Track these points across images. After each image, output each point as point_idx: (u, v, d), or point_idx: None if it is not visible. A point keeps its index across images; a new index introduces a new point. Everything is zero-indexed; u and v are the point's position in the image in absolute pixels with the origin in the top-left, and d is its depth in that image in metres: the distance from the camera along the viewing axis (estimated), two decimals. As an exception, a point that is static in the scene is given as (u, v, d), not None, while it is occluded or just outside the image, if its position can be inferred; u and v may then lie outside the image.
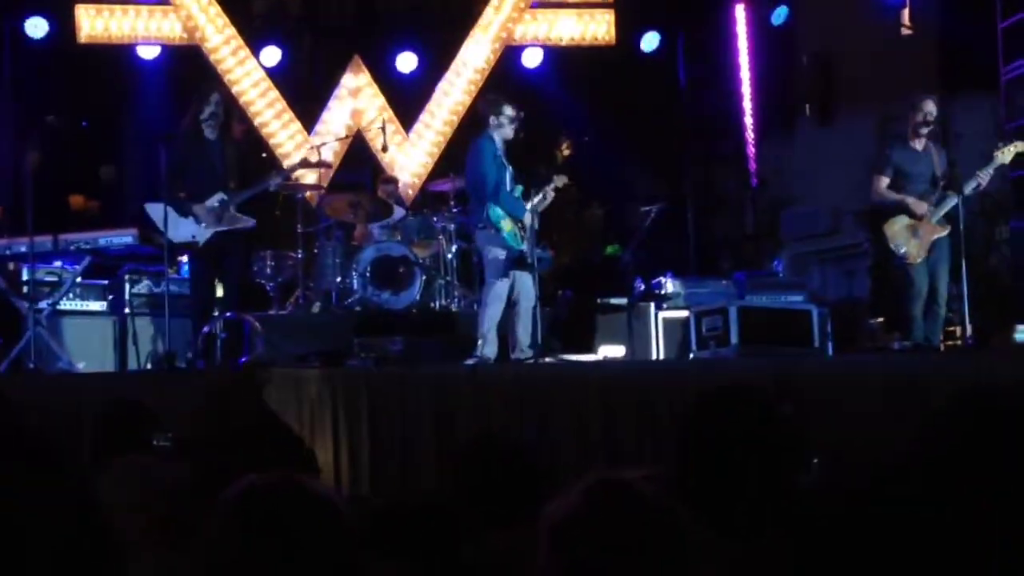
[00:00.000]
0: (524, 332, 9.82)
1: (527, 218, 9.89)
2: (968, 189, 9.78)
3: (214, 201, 9.81)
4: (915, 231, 9.82)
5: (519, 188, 10.02)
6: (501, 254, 9.78)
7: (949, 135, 11.11)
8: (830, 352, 10.45)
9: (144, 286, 10.95)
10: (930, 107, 9.98)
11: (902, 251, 9.81)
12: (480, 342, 9.67)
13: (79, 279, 10.38)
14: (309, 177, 12.86)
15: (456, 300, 11.38)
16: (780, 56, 14.90)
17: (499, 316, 9.77)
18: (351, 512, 2.42)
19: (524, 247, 9.86)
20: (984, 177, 9.79)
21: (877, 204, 10.11)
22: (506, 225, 9.78)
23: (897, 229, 9.85)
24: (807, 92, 14.51)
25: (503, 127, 9.91)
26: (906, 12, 13.47)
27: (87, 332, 10.70)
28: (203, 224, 9.78)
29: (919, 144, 10.00)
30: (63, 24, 13.82)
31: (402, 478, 7.77)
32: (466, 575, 3.38)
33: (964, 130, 11.95)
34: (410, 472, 7.78)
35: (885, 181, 9.96)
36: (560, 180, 10.17)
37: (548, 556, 2.35)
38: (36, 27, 13.71)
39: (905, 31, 13.43)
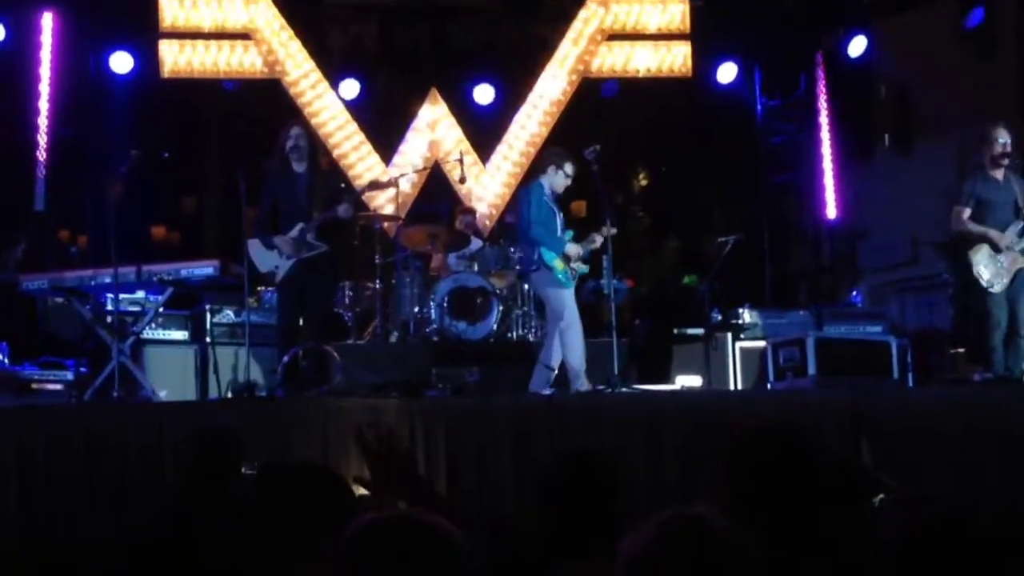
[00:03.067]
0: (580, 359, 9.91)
1: (574, 254, 10.11)
2: (1052, 219, 9.69)
3: (295, 231, 9.91)
4: (998, 261, 9.73)
5: (569, 233, 10.24)
6: (560, 292, 9.98)
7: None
8: (910, 383, 10.36)
9: (225, 316, 11.10)
10: (1005, 136, 9.90)
11: (985, 279, 9.73)
12: (576, 376, 9.79)
13: (161, 309, 10.53)
14: (387, 208, 12.96)
15: (533, 330, 11.39)
16: (858, 87, 14.82)
17: (583, 345, 9.84)
18: (471, 547, 2.41)
19: (572, 286, 10.12)
20: (1068, 206, 9.69)
21: (959, 235, 10.03)
22: (559, 265, 10.02)
23: (980, 257, 9.77)
24: (885, 122, 14.42)
25: (557, 179, 10.19)
26: (984, 41, 13.38)
27: (169, 361, 10.85)
28: (284, 255, 9.89)
29: (999, 174, 9.92)
30: (147, 59, 14.05)
31: (479, 509, 7.78)
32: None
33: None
34: (487, 503, 7.78)
35: (967, 212, 9.88)
36: (608, 231, 10.24)
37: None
38: (121, 62, 13.97)
39: (983, 59, 13.33)
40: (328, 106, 14.56)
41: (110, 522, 7.54)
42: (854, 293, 13.85)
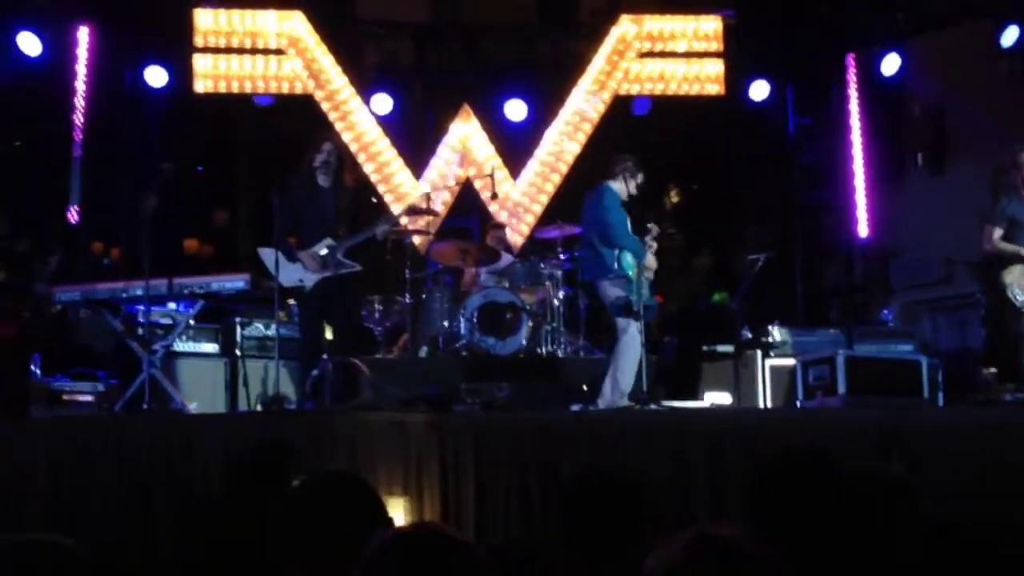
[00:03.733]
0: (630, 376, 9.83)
1: (651, 262, 9.90)
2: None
3: (321, 247, 9.94)
4: (1031, 282, 9.72)
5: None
6: (634, 301, 9.75)
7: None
8: (941, 403, 10.31)
9: (255, 329, 11.15)
10: None
11: (1020, 300, 9.70)
12: (622, 395, 9.69)
13: (192, 322, 10.58)
14: (418, 223, 12.99)
15: (562, 346, 11.40)
16: (891, 105, 14.78)
17: (635, 365, 9.74)
18: (488, 560, 2.46)
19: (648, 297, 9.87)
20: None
21: (991, 254, 10.00)
22: (635, 274, 9.78)
23: (1015, 276, 9.75)
24: (919, 141, 14.38)
25: (626, 184, 10.01)
26: (1019, 60, 13.34)
27: (199, 374, 10.90)
28: (310, 270, 9.92)
29: (1031, 193, 9.91)
30: (181, 73, 14.14)
31: (507, 524, 7.77)
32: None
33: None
34: (515, 518, 7.77)
35: (999, 232, 9.86)
36: (654, 229, 10.15)
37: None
38: (156, 76, 14.06)
39: (1019, 79, 13.29)
40: (360, 121, 14.61)
41: (140, 535, 7.57)
42: (885, 312, 13.79)
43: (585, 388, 10.04)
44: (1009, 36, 13.22)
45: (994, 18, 13.39)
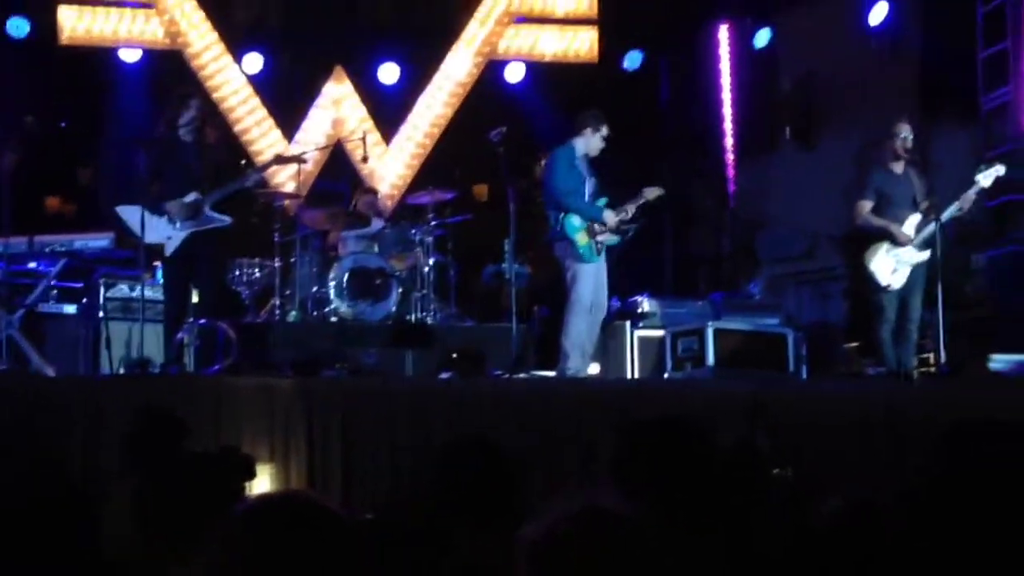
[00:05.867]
0: (590, 343, 9.78)
1: (610, 222, 9.80)
2: (948, 214, 9.82)
3: (188, 199, 9.74)
4: (896, 256, 9.87)
5: (603, 200, 9.96)
6: (581, 268, 9.69)
7: (928, 163, 11.14)
8: (804, 376, 10.47)
9: (119, 290, 10.89)
10: (906, 131, 10.04)
11: (882, 280, 9.85)
12: (566, 357, 9.61)
13: (53, 281, 10.32)
14: (288, 186, 12.84)
15: (432, 313, 11.36)
16: (762, 77, 14.94)
17: (584, 330, 9.68)
18: (356, 527, 2.44)
19: (600, 260, 9.77)
20: (965, 202, 9.84)
21: (860, 229, 10.15)
22: (581, 238, 9.67)
23: (876, 257, 9.90)
24: (788, 114, 14.55)
25: (594, 141, 9.90)
26: (888, 39, 13.54)
27: (60, 335, 10.63)
28: (177, 224, 9.69)
29: (899, 168, 10.06)
30: (45, 25, 13.76)
31: (374, 491, 7.73)
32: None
33: (943, 159, 11.98)
34: (382, 485, 7.74)
35: (868, 205, 10.00)
36: (652, 192, 10.07)
37: (527, 577, 2.33)
38: (18, 27, 13.66)
39: (886, 57, 13.50)
40: (230, 80, 14.38)
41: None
42: (752, 284, 13.97)
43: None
44: (878, 13, 13.40)
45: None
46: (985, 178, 9.93)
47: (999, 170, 9.98)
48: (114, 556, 3.54)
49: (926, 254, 9.86)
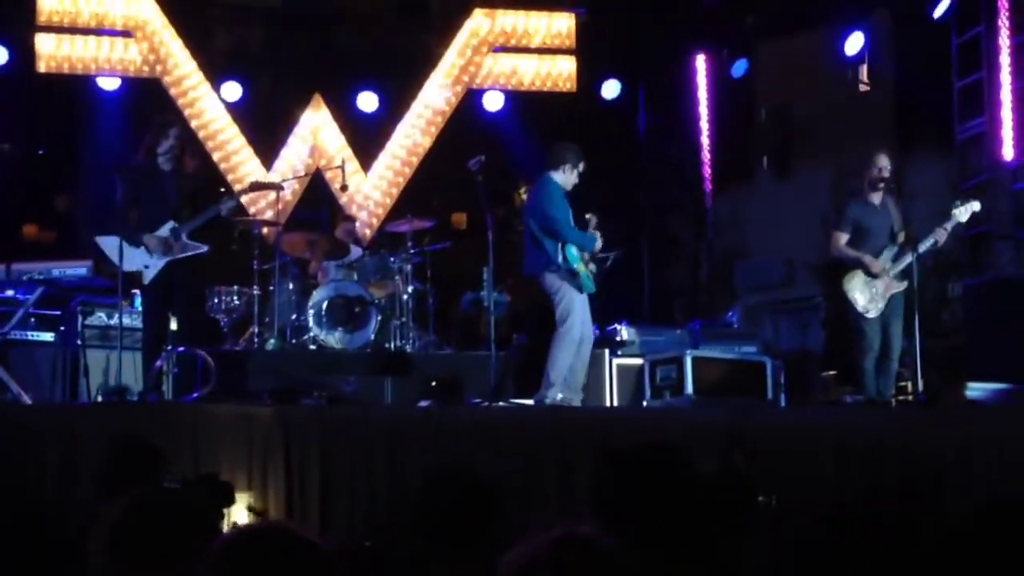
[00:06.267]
0: (582, 373, 9.78)
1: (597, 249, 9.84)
2: (924, 246, 9.88)
3: (165, 230, 9.74)
4: (873, 286, 9.91)
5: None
6: (576, 298, 9.65)
7: (903, 193, 11.21)
8: (783, 404, 10.49)
9: (97, 318, 10.86)
10: (884, 162, 10.09)
11: (859, 305, 9.89)
12: (548, 386, 9.56)
13: (31, 309, 10.28)
14: (267, 213, 12.83)
15: (411, 341, 11.34)
16: (739, 108, 15.01)
17: (571, 361, 9.65)
18: (335, 557, 2.47)
19: (593, 289, 9.75)
20: (941, 235, 9.90)
21: (834, 259, 10.20)
22: (581, 268, 9.67)
23: (855, 283, 9.94)
24: (765, 144, 14.63)
25: (568, 177, 9.88)
26: (864, 68, 13.64)
27: (37, 363, 10.58)
28: (154, 255, 9.70)
29: (876, 199, 10.10)
30: (23, 51, 13.76)
31: (351, 519, 7.72)
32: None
33: (918, 189, 12.06)
34: (360, 514, 7.73)
35: (844, 238, 10.04)
36: (593, 220, 10.06)
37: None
38: (-5, 54, 13.66)
39: (863, 87, 13.59)
40: (209, 108, 14.39)
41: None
42: (730, 313, 14.00)
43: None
44: (854, 43, 13.50)
45: (840, 25, 13.67)
46: (961, 213, 10.00)
47: (974, 206, 10.06)
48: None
49: (903, 284, 9.91)
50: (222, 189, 11.84)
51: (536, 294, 10.04)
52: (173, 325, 10.12)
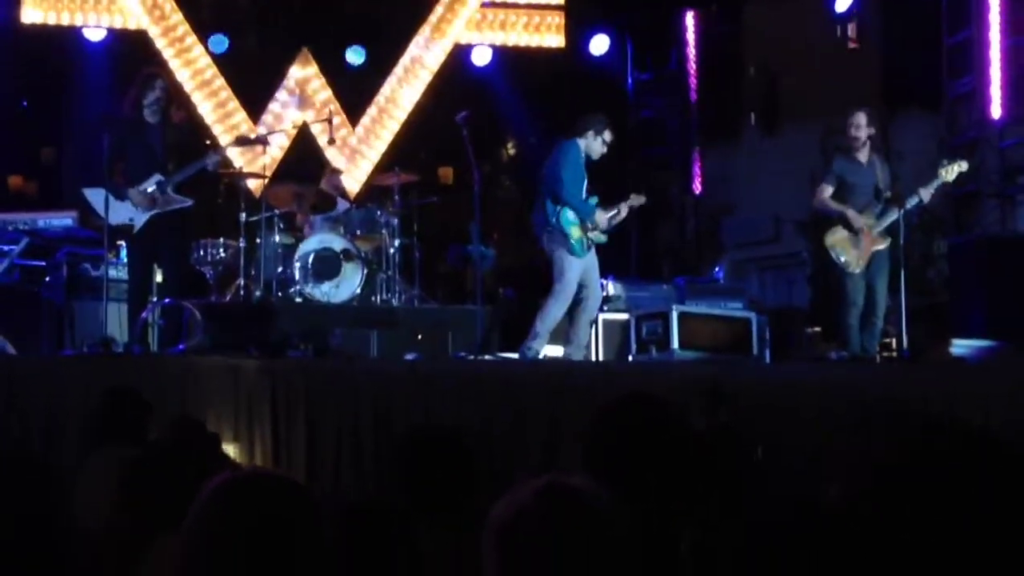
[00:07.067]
0: (584, 331, 9.83)
1: (601, 222, 9.84)
2: (910, 204, 9.88)
3: (150, 184, 9.71)
4: (855, 242, 9.91)
5: (594, 198, 9.93)
6: (569, 260, 9.69)
7: (891, 151, 11.21)
8: (767, 359, 10.53)
9: (82, 269, 10.83)
10: (861, 119, 10.05)
11: (842, 260, 9.90)
12: (534, 337, 9.62)
13: (16, 260, 10.25)
14: (254, 166, 12.79)
15: (397, 295, 11.34)
16: (727, 65, 14.98)
17: (560, 317, 9.71)
18: (325, 505, 2.48)
19: (589, 256, 9.79)
20: (926, 194, 9.90)
21: (819, 213, 10.21)
22: (575, 232, 9.68)
23: (837, 239, 9.95)
24: (753, 102, 14.61)
25: (595, 144, 9.90)
26: (852, 26, 13.61)
27: (22, 314, 10.56)
28: (139, 208, 9.68)
29: (863, 156, 10.09)
30: (7, 3, 13.65)
31: (338, 471, 7.74)
32: (407, 572, 3.37)
33: (906, 146, 12.06)
34: (346, 465, 7.75)
35: (828, 190, 10.04)
36: (637, 200, 10.13)
37: (494, 557, 2.34)
38: (-22, 7, 13.56)
39: (851, 44, 13.57)
40: (196, 60, 14.30)
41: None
42: (716, 269, 14.03)
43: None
44: (842, 1, 13.47)
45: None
46: (948, 173, 9.99)
47: (962, 166, 10.06)
48: (90, 527, 3.57)
49: (887, 241, 9.91)
50: (208, 142, 11.81)
51: (527, 250, 10.06)
52: (159, 277, 10.12)
